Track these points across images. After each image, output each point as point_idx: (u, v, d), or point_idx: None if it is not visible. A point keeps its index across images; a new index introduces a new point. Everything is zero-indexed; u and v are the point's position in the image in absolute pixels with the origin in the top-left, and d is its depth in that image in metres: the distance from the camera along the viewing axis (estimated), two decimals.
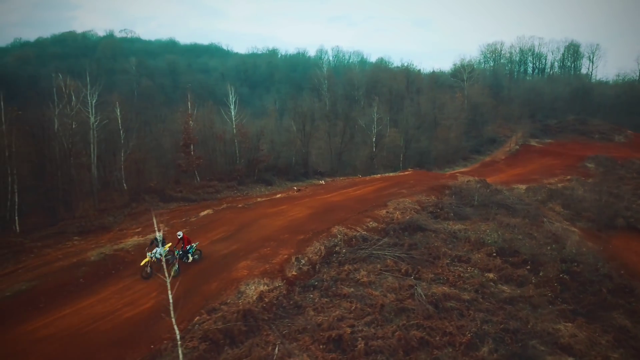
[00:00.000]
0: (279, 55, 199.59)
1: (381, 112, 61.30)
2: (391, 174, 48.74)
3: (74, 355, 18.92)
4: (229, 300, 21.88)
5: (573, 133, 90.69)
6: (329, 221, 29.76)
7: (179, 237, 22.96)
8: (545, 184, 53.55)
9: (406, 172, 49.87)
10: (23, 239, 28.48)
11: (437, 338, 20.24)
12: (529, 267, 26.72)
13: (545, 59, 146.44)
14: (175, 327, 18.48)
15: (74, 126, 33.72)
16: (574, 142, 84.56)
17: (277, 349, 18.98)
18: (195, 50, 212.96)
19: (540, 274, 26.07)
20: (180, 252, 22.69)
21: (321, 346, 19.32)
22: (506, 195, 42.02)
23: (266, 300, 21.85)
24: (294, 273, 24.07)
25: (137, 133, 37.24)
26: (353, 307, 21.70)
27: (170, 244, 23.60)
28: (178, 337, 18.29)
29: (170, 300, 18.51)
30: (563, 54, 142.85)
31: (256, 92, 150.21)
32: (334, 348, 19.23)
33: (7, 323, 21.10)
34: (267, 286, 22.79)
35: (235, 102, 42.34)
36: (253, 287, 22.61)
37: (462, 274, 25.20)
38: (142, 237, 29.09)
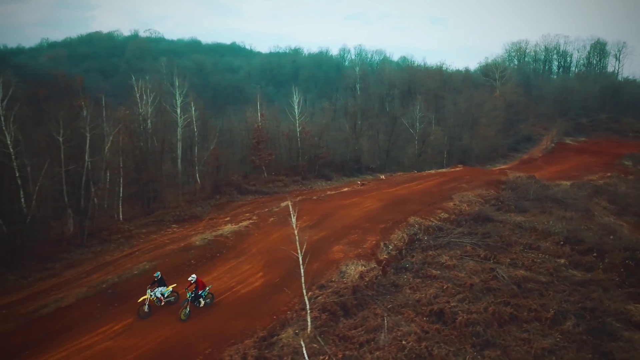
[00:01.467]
0: (303, 55, 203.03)
1: (423, 111, 63.52)
2: (443, 170, 51.12)
3: (208, 323, 21.79)
4: (333, 279, 24.70)
5: (606, 131, 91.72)
6: (403, 212, 32.36)
7: (191, 281, 21.21)
8: (587, 180, 55.24)
9: (457, 168, 52.21)
10: (128, 226, 31.62)
11: (525, 314, 22.71)
12: (594, 254, 28.92)
13: (571, 57, 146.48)
14: (306, 297, 21.43)
15: (157, 125, 36.81)
16: (608, 140, 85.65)
17: (385, 320, 21.67)
18: (219, 50, 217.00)
19: (606, 261, 28.26)
20: (192, 295, 20.95)
21: (424, 318, 21.96)
22: (556, 190, 44.08)
23: (366, 279, 24.60)
24: (385, 257, 26.77)
25: (216, 131, 40.14)
26: (445, 287, 24.29)
27: (174, 284, 22.57)
28: (307, 306, 21.21)
29: (302, 275, 21.40)
30: (589, 52, 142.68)
31: (282, 91, 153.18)
32: (436, 320, 21.85)
33: (141, 295, 24.22)
34: (365, 267, 25.54)
35: (299, 102, 45.17)
36: (353, 268, 25.38)
37: (535, 260, 27.60)
38: (234, 224, 32.08)
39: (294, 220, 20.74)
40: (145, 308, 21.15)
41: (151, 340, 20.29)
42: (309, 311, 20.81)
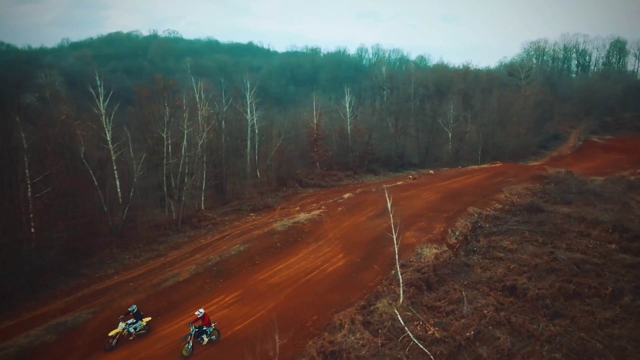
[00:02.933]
0: (321, 54, 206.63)
1: (457, 110, 66.32)
2: (486, 166, 53.96)
3: (309, 294, 25.10)
4: (412, 260, 27.80)
5: (632, 130, 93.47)
6: (461, 203, 35.35)
7: (198, 316, 20.15)
8: (619, 176, 57.55)
9: (497, 164, 55.01)
10: (212, 215, 35.00)
11: (586, 290, 25.57)
12: None
13: (590, 56, 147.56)
14: (399, 272, 24.55)
15: (231, 123, 40.13)
16: (634, 138, 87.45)
17: (464, 293, 24.73)
18: (237, 50, 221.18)
19: None
20: (196, 330, 19.83)
21: (498, 293, 24.98)
22: (593, 185, 46.66)
23: (441, 259, 27.66)
24: (453, 241, 29.83)
25: (282, 129, 43.42)
26: (511, 267, 27.29)
27: (149, 318, 21.42)
28: (401, 280, 24.34)
29: (397, 253, 24.46)
30: (608, 51, 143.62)
31: (302, 90, 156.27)
32: (509, 294, 24.86)
33: (242, 273, 27.61)
34: (437, 250, 28.61)
35: (350, 102, 48.29)
36: (427, 250, 28.46)
37: (588, 245, 30.43)
38: (307, 213, 35.27)
39: (389, 205, 23.78)
40: (114, 342, 19.94)
41: (261, 309, 23.67)
42: (401, 284, 23.97)
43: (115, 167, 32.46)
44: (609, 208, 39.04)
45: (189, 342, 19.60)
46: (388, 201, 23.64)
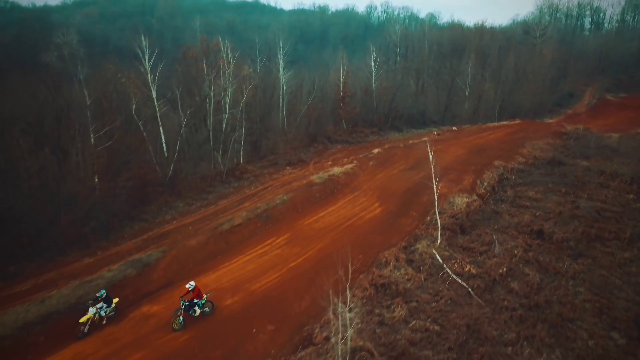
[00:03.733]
0: (329, 12, 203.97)
1: (474, 68, 67.13)
2: (506, 123, 55.50)
3: (352, 236, 27.50)
4: (445, 207, 30.05)
5: None
6: (487, 157, 37.33)
7: (189, 289, 19.78)
8: (635, 133, 59.01)
9: (516, 122, 56.52)
10: (251, 167, 37.19)
11: (606, 234, 27.87)
12: None
13: (604, 14, 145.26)
14: (437, 215, 26.82)
15: (265, 81, 41.68)
16: None
17: (495, 237, 27.10)
18: (245, 7, 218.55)
19: None
20: (187, 303, 19.44)
21: (526, 236, 27.34)
22: (610, 141, 48.34)
23: (472, 207, 29.93)
24: (482, 191, 32.00)
25: (313, 86, 44.96)
26: (537, 214, 29.56)
27: (117, 299, 20.64)
28: (439, 223, 26.66)
29: (436, 198, 26.62)
30: (624, 8, 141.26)
31: (310, 48, 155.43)
32: (536, 237, 27.21)
33: (288, 219, 29.99)
34: (468, 199, 30.83)
35: (375, 60, 49.48)
36: (459, 199, 30.69)
37: (607, 195, 32.58)
38: (340, 167, 37.34)
39: (431, 155, 25.76)
40: (85, 329, 19.15)
41: (310, 249, 26.18)
42: (439, 227, 26.35)
43: (160, 123, 34.43)
44: (626, 162, 40.93)
45: (179, 316, 19.19)
46: (430, 152, 25.62)
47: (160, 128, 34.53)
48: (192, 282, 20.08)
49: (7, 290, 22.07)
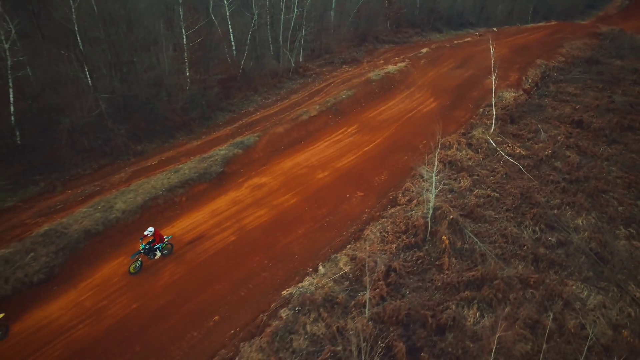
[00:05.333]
0: None
1: None
2: (541, 24, 57.07)
3: (412, 127, 31.66)
4: (495, 100, 33.83)
5: None
6: (530, 56, 40.27)
7: (148, 234, 19.18)
8: None
9: (552, 23, 57.99)
10: (312, 66, 40.40)
11: (637, 124, 31.83)
12: None
13: None
14: (494, 105, 30.70)
15: None
16: None
17: (540, 126, 31.20)
18: None
19: None
20: (146, 247, 19.16)
21: (567, 125, 31.42)
22: None
23: (518, 101, 33.73)
24: (527, 87, 35.57)
25: None
26: (577, 107, 33.38)
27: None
28: (494, 112, 30.63)
29: (494, 86, 30.28)
30: None
31: None
32: (576, 126, 31.30)
33: (354, 112, 33.99)
34: (515, 93, 34.52)
35: None
36: (506, 94, 34.38)
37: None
38: (394, 65, 40.51)
39: (492, 51, 29.03)
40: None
41: (378, 137, 30.55)
42: (494, 116, 30.42)
43: (230, 22, 37.07)
44: None
45: (137, 260, 19.09)
46: (491, 47, 28.88)
47: (229, 26, 37.24)
48: (151, 228, 19.43)
49: (141, 164, 26.90)
